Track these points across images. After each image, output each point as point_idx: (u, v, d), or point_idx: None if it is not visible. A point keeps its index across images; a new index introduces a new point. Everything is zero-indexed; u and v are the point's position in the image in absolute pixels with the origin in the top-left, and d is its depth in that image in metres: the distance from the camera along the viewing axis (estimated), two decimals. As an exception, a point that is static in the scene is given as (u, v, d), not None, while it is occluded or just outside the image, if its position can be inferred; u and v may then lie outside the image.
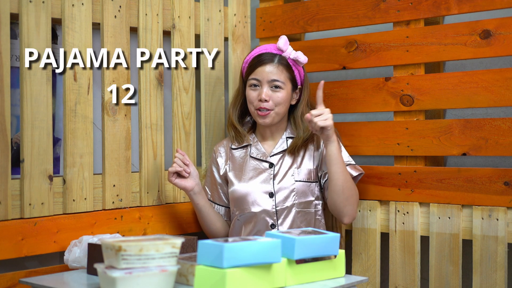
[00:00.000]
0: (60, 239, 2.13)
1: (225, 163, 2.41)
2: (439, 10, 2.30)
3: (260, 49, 2.35)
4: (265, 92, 2.28)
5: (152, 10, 2.41)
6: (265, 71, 2.29)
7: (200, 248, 1.66)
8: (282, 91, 2.30)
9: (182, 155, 2.31)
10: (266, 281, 1.70)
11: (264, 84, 2.29)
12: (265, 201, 2.30)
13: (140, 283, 1.61)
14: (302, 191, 2.30)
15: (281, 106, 2.31)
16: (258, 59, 2.32)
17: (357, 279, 1.88)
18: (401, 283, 2.37)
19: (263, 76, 2.29)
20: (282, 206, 2.29)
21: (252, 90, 2.32)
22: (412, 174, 2.34)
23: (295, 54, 2.31)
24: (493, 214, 2.17)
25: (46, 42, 2.10)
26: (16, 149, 2.12)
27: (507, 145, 2.17)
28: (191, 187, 2.32)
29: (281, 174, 2.32)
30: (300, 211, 2.30)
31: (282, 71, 2.30)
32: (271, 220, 2.29)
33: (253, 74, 2.32)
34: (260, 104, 2.29)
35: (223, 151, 2.44)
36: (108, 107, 2.27)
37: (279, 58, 2.31)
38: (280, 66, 2.30)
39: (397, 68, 2.41)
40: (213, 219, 2.39)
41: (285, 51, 2.31)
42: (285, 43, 2.31)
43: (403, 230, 2.36)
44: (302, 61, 2.32)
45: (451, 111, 2.49)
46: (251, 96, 2.32)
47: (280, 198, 2.30)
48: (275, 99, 2.29)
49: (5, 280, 2.01)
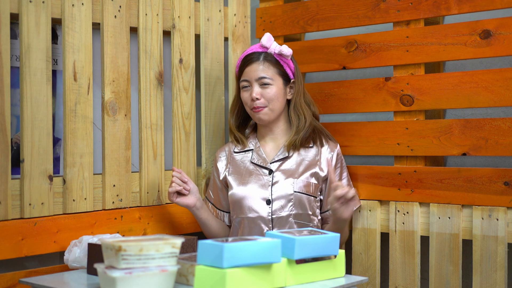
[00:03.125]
0: (60, 239, 2.13)
1: (225, 167, 2.41)
2: (439, 10, 2.30)
3: (246, 51, 2.38)
4: (255, 91, 2.30)
5: (152, 10, 2.41)
6: (252, 70, 2.32)
7: (200, 248, 1.66)
8: (272, 87, 2.31)
9: (179, 173, 2.30)
10: (266, 281, 1.70)
11: (253, 83, 2.31)
12: (262, 208, 2.30)
13: (140, 283, 1.61)
14: (300, 202, 2.29)
15: (274, 101, 2.31)
16: (245, 60, 2.35)
17: (357, 279, 1.88)
18: (401, 283, 2.37)
19: (250, 75, 2.31)
20: (278, 215, 2.28)
21: (245, 91, 2.34)
22: (412, 174, 2.34)
23: (279, 48, 2.33)
24: (493, 214, 2.17)
25: (46, 42, 2.10)
26: (16, 149, 2.12)
27: (507, 145, 2.17)
28: (193, 204, 2.32)
29: (280, 182, 2.31)
30: (297, 223, 2.29)
31: (269, 67, 2.32)
32: (266, 227, 2.29)
33: (242, 76, 2.34)
34: (253, 103, 2.30)
35: (223, 156, 2.44)
36: (108, 107, 2.27)
37: (265, 55, 2.33)
38: (266, 62, 2.32)
39: (397, 68, 2.41)
40: (217, 229, 2.39)
41: (270, 47, 2.33)
42: (268, 39, 2.34)
43: (403, 230, 2.36)
44: (286, 53, 2.33)
45: (451, 111, 2.49)
46: (245, 97, 2.34)
47: (277, 206, 2.29)
48: (266, 96, 2.30)
49: (5, 280, 2.01)
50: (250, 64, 2.32)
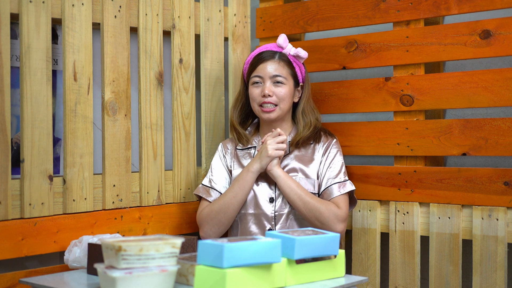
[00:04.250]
0: (60, 239, 2.13)
1: (231, 160, 2.41)
2: (439, 10, 2.30)
3: (260, 48, 2.38)
4: (267, 87, 2.30)
5: (152, 10, 2.41)
6: (267, 67, 2.31)
7: (200, 248, 1.66)
8: (285, 86, 2.31)
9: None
10: (266, 281, 1.70)
11: (267, 79, 2.31)
12: (265, 205, 2.30)
13: (140, 283, 1.61)
14: None
15: (284, 101, 2.32)
16: (259, 56, 2.34)
17: (357, 279, 1.88)
18: (401, 283, 2.37)
19: (265, 72, 2.31)
20: (281, 212, 2.29)
21: (255, 87, 2.33)
22: (412, 174, 2.34)
23: (295, 50, 2.34)
24: (493, 214, 2.17)
25: (46, 42, 2.10)
26: (16, 149, 2.12)
27: (507, 145, 2.17)
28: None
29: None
30: (298, 219, 2.29)
31: (284, 66, 2.32)
32: (268, 225, 2.29)
33: (255, 72, 2.33)
34: (264, 99, 2.30)
35: (230, 147, 2.43)
36: (108, 107, 2.27)
37: (280, 55, 2.33)
38: (282, 62, 2.32)
39: (397, 68, 2.41)
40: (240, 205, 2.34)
41: (285, 48, 2.34)
42: (285, 40, 2.35)
43: (403, 230, 2.36)
44: (302, 56, 2.35)
45: (451, 111, 2.49)
46: (254, 93, 2.33)
47: (279, 203, 2.29)
48: (278, 94, 2.30)
49: (5, 280, 2.01)
50: (265, 61, 2.32)
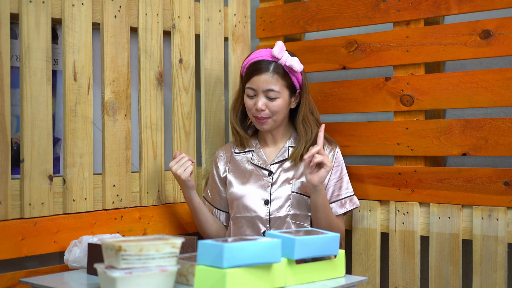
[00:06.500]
0: (60, 239, 2.13)
1: (225, 165, 2.41)
2: (439, 10, 2.30)
3: (256, 55, 2.31)
4: (260, 102, 2.27)
5: (152, 10, 2.41)
6: (260, 80, 2.26)
7: (200, 248, 1.66)
8: (278, 100, 2.27)
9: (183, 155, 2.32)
10: (266, 281, 1.70)
11: (260, 93, 2.28)
12: (260, 208, 2.30)
13: (140, 283, 1.61)
14: (298, 203, 2.28)
15: (278, 114, 2.29)
16: (254, 67, 2.28)
17: (357, 279, 1.88)
18: (401, 283, 2.37)
19: (258, 85, 2.27)
20: (276, 215, 2.28)
21: (250, 99, 2.31)
22: (412, 174, 2.34)
23: (290, 62, 2.26)
24: (493, 214, 2.17)
25: (46, 42, 2.10)
26: (16, 149, 2.12)
27: (507, 145, 2.17)
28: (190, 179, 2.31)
29: (279, 182, 2.31)
30: (294, 223, 2.29)
31: (278, 79, 2.27)
32: (263, 228, 2.29)
33: (249, 83, 2.30)
34: (257, 113, 2.29)
35: (223, 154, 2.43)
36: (108, 107, 2.27)
37: (275, 66, 2.27)
38: (275, 75, 2.26)
39: (397, 68, 2.41)
40: (210, 220, 2.38)
41: (281, 59, 2.27)
42: (280, 50, 2.26)
43: (403, 230, 2.36)
44: (296, 69, 2.27)
45: (451, 111, 2.49)
46: (249, 104, 2.32)
47: (275, 206, 2.29)
48: (271, 108, 2.28)
49: (5, 280, 2.01)
50: (259, 74, 2.26)
